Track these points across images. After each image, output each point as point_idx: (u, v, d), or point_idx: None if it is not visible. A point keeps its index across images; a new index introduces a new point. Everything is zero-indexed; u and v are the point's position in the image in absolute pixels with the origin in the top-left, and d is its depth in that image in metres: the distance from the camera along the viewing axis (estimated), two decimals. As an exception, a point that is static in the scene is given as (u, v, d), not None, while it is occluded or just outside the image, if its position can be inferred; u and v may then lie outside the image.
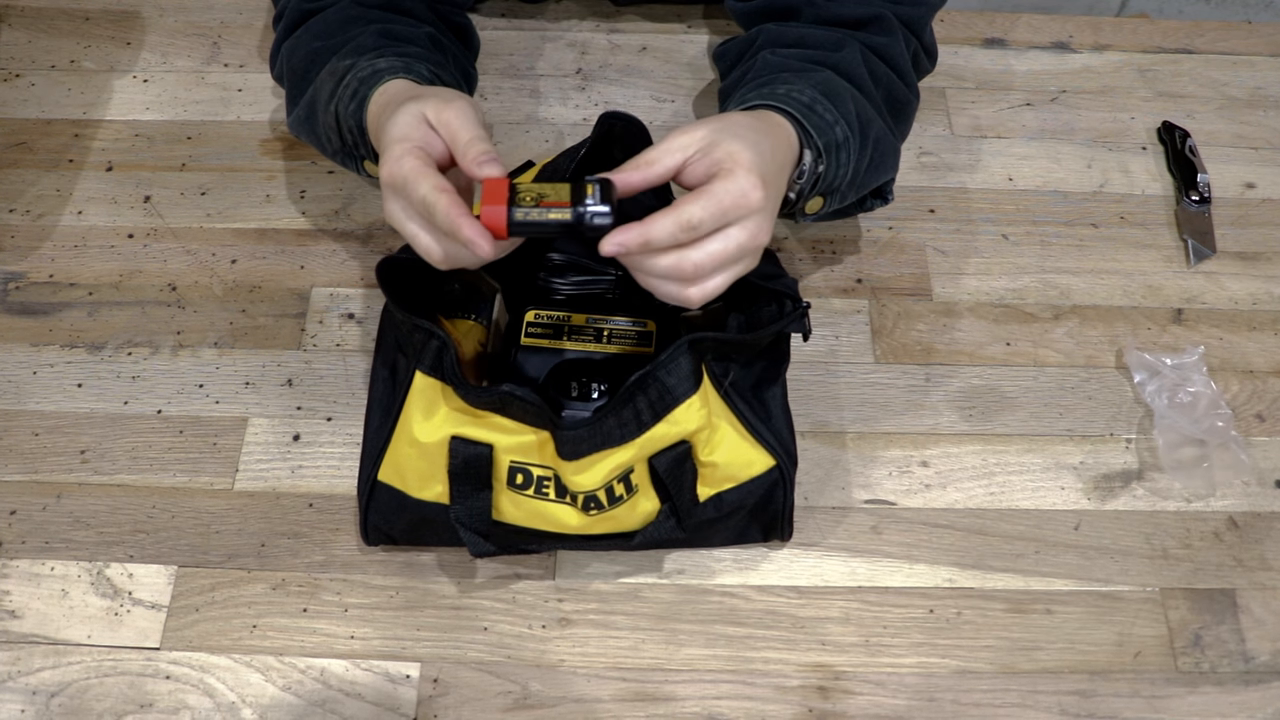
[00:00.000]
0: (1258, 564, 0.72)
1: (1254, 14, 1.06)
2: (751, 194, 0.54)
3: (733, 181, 0.54)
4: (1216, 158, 0.90)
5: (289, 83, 0.76)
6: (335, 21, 0.74)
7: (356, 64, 0.68)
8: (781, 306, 0.66)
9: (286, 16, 0.76)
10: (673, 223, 0.53)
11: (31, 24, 0.96)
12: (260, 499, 0.73)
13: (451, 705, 0.66)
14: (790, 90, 0.65)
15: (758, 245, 0.57)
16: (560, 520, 0.65)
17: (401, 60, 0.68)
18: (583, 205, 0.54)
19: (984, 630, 0.69)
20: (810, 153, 0.65)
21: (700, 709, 0.66)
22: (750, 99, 0.65)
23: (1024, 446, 0.76)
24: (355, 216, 0.85)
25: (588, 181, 0.55)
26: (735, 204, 0.54)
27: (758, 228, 0.56)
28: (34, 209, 0.85)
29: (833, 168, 0.65)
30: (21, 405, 0.76)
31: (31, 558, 0.71)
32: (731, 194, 0.54)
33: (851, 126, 0.66)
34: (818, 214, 0.70)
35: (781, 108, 0.64)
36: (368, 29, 0.72)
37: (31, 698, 0.66)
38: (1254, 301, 0.83)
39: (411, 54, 0.69)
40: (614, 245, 0.53)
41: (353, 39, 0.71)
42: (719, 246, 0.55)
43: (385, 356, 0.71)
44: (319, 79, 0.71)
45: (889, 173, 0.73)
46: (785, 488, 0.67)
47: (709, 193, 0.54)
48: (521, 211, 0.55)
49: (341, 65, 0.69)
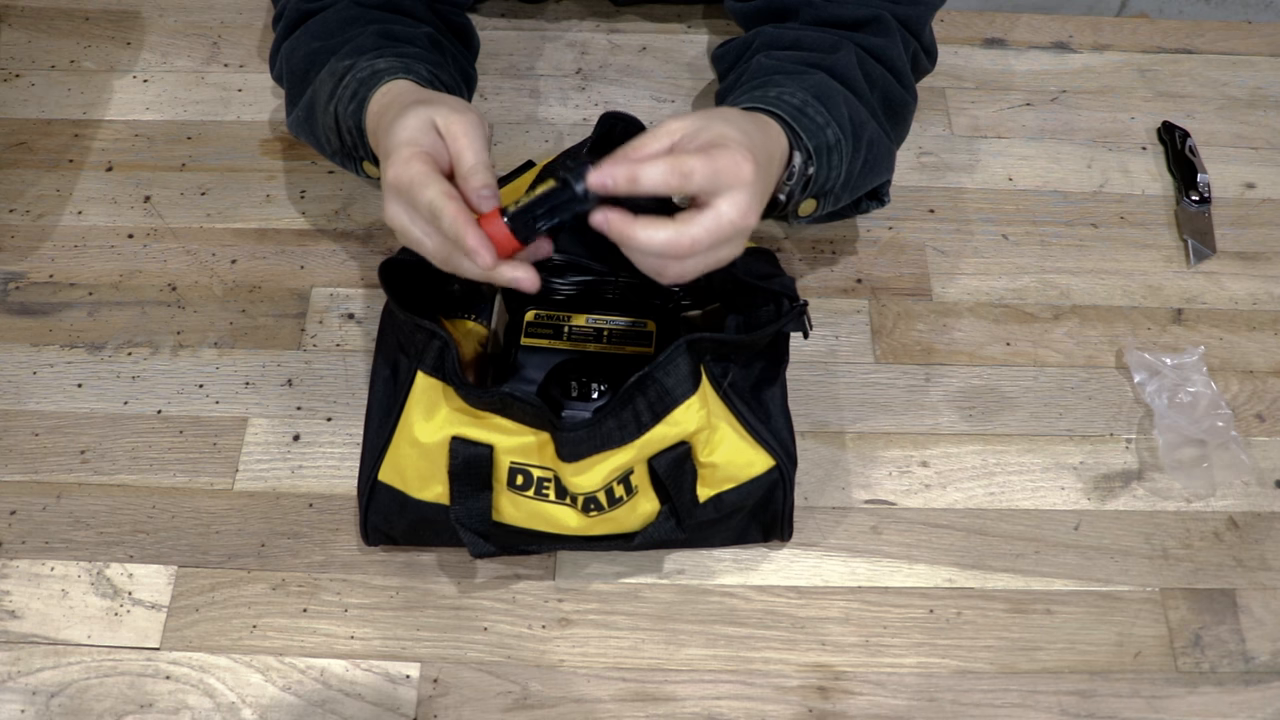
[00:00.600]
0: (1258, 564, 0.72)
1: (1254, 14, 1.06)
2: (744, 164, 0.55)
3: (725, 153, 0.55)
4: (1216, 158, 0.90)
5: (288, 83, 0.76)
6: (334, 22, 0.74)
7: (356, 64, 0.68)
8: (779, 306, 0.66)
9: (286, 17, 0.77)
10: (666, 165, 0.54)
11: (31, 24, 0.96)
12: (260, 499, 0.73)
13: (451, 705, 0.66)
14: (782, 93, 0.65)
15: (746, 226, 0.57)
16: (560, 521, 0.65)
17: (401, 60, 0.68)
18: (565, 172, 0.55)
19: (984, 630, 0.69)
20: (800, 155, 0.65)
21: (700, 709, 0.66)
22: (742, 101, 0.65)
23: (1024, 446, 0.76)
24: (355, 216, 0.85)
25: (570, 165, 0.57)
26: (728, 169, 0.55)
27: (748, 205, 0.56)
28: (34, 209, 0.85)
29: (824, 170, 0.65)
30: (21, 405, 0.76)
31: (31, 558, 0.71)
32: (724, 161, 0.55)
33: (844, 129, 0.66)
34: (811, 216, 0.70)
35: (772, 110, 0.64)
36: (367, 29, 0.72)
37: (31, 698, 0.66)
38: (1254, 301, 0.83)
39: (410, 54, 0.69)
40: (603, 176, 0.54)
41: (352, 39, 0.71)
42: (712, 222, 0.55)
43: (386, 356, 0.71)
44: (318, 80, 0.71)
45: (884, 175, 0.73)
46: (785, 488, 0.67)
47: (704, 153, 0.55)
48: (513, 205, 0.56)
49: (341, 66, 0.69)
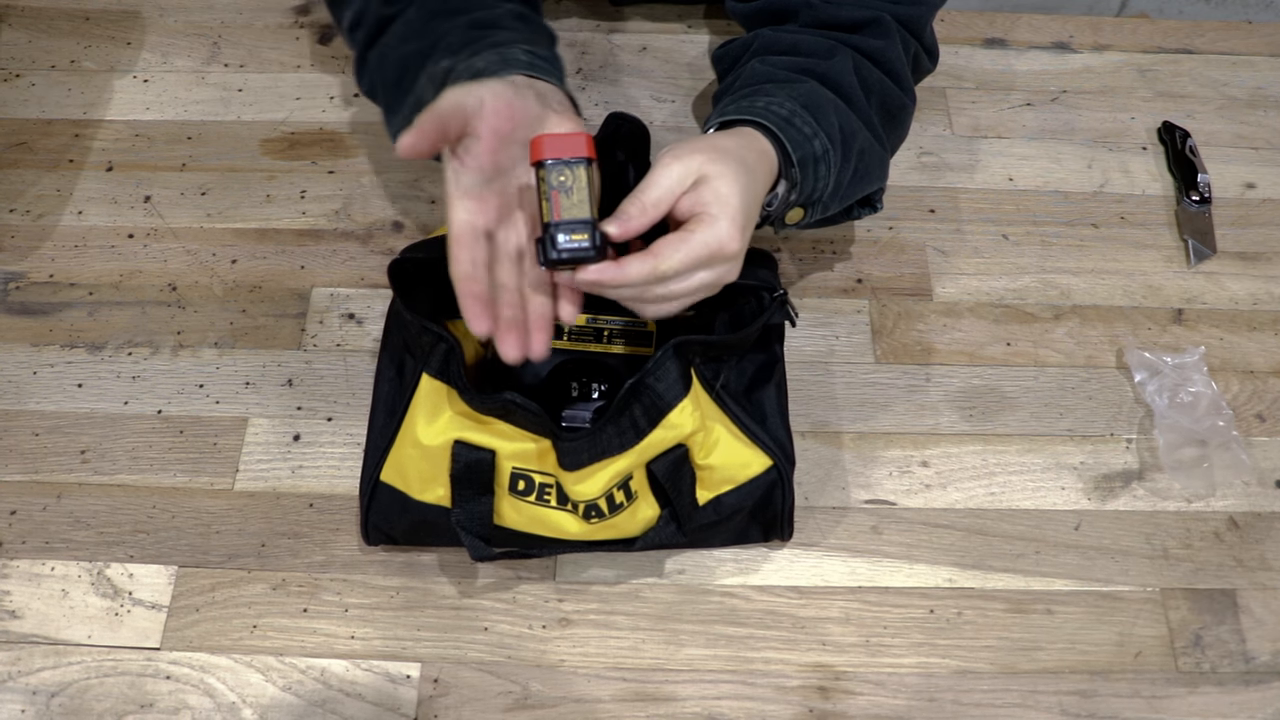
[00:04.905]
0: (1258, 564, 0.72)
1: (1254, 14, 1.06)
2: (729, 245, 0.56)
3: (712, 231, 0.56)
4: (1216, 158, 0.90)
5: (383, 93, 0.73)
6: (417, 21, 0.71)
7: (455, 67, 0.65)
8: (760, 300, 0.66)
9: (364, 26, 0.73)
10: (649, 269, 0.55)
11: (31, 24, 0.96)
12: (260, 499, 0.73)
13: (452, 705, 0.66)
14: (770, 103, 0.65)
15: (722, 284, 0.59)
16: (561, 527, 0.65)
17: (497, 54, 0.65)
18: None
19: (984, 630, 0.69)
20: (785, 183, 0.65)
21: (700, 709, 0.66)
22: (730, 111, 0.65)
23: (1024, 446, 0.76)
24: (355, 216, 0.85)
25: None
26: (711, 254, 0.56)
27: (727, 271, 0.58)
28: (34, 209, 0.85)
29: (810, 180, 0.65)
30: (21, 405, 0.76)
31: (32, 558, 0.71)
32: (709, 245, 0.56)
33: (832, 139, 0.65)
34: (799, 224, 0.70)
35: (759, 121, 0.64)
36: (454, 23, 0.69)
37: (32, 698, 0.66)
38: (1254, 301, 0.83)
39: (502, 40, 0.67)
40: (591, 279, 0.55)
41: (442, 37, 0.68)
42: (682, 286, 0.57)
43: (392, 355, 0.71)
44: (419, 86, 0.68)
45: (875, 184, 0.73)
46: (784, 488, 0.67)
47: (688, 242, 0.56)
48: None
49: (439, 69, 0.66)
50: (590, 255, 0.54)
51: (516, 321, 0.57)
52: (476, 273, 0.56)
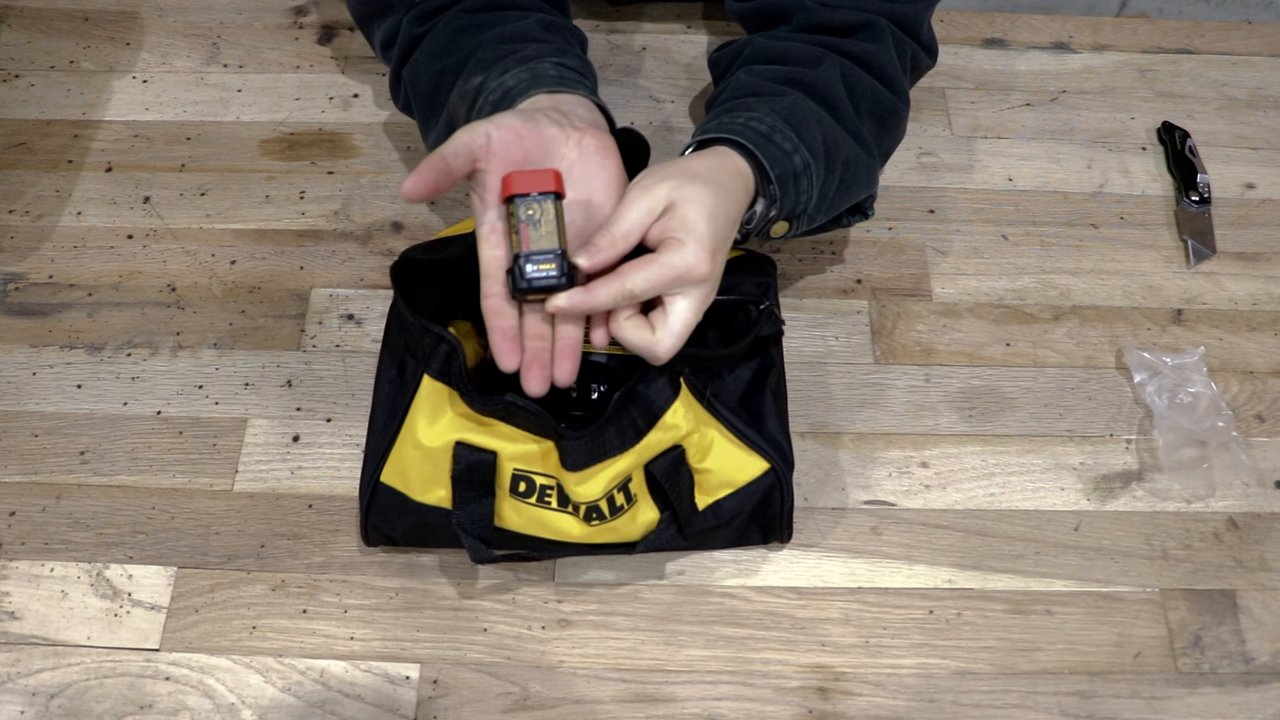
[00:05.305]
0: (1258, 565, 0.72)
1: (1254, 14, 1.06)
2: (698, 269, 0.56)
3: (680, 255, 0.56)
4: (1216, 158, 0.90)
5: (417, 108, 0.74)
6: (446, 36, 0.71)
7: (485, 84, 0.66)
8: (748, 314, 0.67)
9: (399, 44, 0.74)
10: (615, 289, 0.55)
11: (31, 24, 0.96)
12: (260, 500, 0.73)
13: (451, 706, 0.66)
14: (750, 119, 0.65)
15: (704, 309, 0.59)
16: (562, 529, 0.65)
17: (526, 69, 0.66)
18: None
19: (984, 631, 0.69)
20: (763, 201, 0.65)
21: (700, 710, 0.66)
22: (710, 129, 0.65)
23: (1024, 447, 0.76)
24: (355, 217, 0.85)
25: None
26: (679, 276, 0.56)
27: (705, 295, 0.58)
28: (34, 209, 0.85)
29: (791, 195, 0.65)
30: (21, 406, 0.76)
31: (31, 559, 0.71)
32: (677, 268, 0.56)
33: (815, 152, 0.65)
34: (784, 236, 0.70)
35: (736, 140, 0.64)
36: (483, 38, 0.70)
37: (31, 699, 0.66)
38: (1254, 302, 0.83)
39: (531, 54, 0.67)
40: (560, 305, 0.56)
41: (471, 53, 0.69)
42: (678, 323, 0.57)
43: (393, 355, 0.71)
44: (451, 102, 0.69)
45: (862, 193, 0.72)
46: (782, 491, 0.67)
47: (655, 263, 0.56)
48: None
49: (470, 87, 0.67)
50: (558, 283, 0.55)
51: (541, 355, 0.57)
52: (505, 308, 0.57)
